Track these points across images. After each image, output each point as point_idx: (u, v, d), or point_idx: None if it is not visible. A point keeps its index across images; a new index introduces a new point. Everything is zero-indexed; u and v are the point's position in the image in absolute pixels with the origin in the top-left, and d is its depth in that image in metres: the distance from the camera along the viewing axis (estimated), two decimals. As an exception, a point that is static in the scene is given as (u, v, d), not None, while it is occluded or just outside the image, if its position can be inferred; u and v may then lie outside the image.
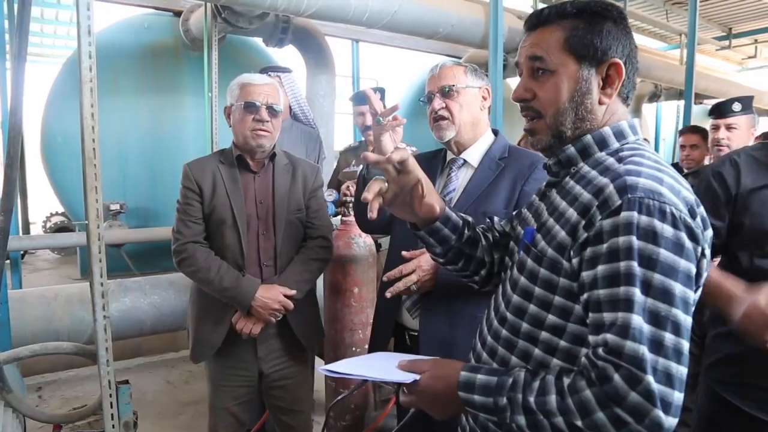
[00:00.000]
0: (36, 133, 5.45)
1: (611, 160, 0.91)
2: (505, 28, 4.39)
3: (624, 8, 6.90)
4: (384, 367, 1.04)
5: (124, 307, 3.28)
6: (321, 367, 1.01)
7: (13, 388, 1.98)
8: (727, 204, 1.60)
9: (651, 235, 0.79)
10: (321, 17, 3.92)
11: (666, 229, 0.79)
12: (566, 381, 0.82)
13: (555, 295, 0.91)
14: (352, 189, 2.67)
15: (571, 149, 0.97)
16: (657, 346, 0.76)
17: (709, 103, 9.07)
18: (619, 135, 0.95)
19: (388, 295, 1.56)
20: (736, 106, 2.73)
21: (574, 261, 0.87)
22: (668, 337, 0.77)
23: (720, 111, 2.79)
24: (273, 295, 1.84)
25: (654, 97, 9.55)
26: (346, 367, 1.01)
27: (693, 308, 0.82)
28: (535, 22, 0.98)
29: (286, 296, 1.86)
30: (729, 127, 2.75)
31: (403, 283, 1.53)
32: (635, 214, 0.80)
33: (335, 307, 2.51)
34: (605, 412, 0.77)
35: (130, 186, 5.15)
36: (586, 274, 0.84)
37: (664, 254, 0.79)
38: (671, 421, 0.75)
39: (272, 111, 1.86)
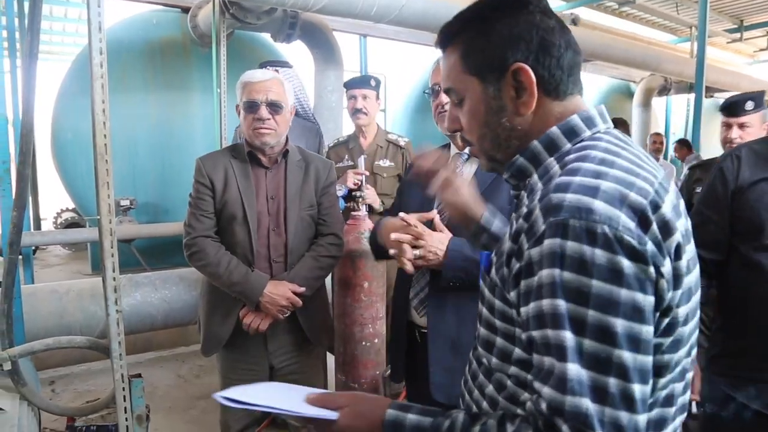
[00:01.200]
0: (46, 129, 5.50)
1: (556, 168, 0.78)
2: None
3: (634, 1, 6.88)
4: (291, 398, 0.91)
5: (134, 302, 3.31)
6: (216, 394, 0.86)
7: (27, 381, 2.01)
8: (725, 200, 1.63)
9: (579, 265, 0.66)
10: (329, 12, 3.92)
11: (597, 255, 0.65)
12: (510, 428, 0.72)
13: (515, 327, 0.79)
14: (352, 180, 2.68)
15: (520, 160, 0.84)
16: (600, 395, 0.65)
17: (720, 97, 9.02)
18: (570, 133, 0.81)
19: (393, 236, 1.45)
20: (749, 105, 2.70)
21: (512, 294, 0.76)
22: (612, 383, 0.65)
23: (733, 110, 2.76)
24: (281, 292, 1.84)
25: (664, 90, 9.48)
26: (247, 395, 0.87)
27: (650, 343, 0.68)
28: (439, 44, 0.90)
29: (294, 293, 1.87)
30: (742, 126, 2.73)
31: (402, 252, 1.43)
32: (558, 240, 0.67)
33: (345, 301, 2.51)
34: None
35: (139, 182, 5.19)
36: (522, 310, 0.73)
37: (597, 286, 0.65)
38: None
39: (273, 107, 1.83)
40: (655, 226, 0.69)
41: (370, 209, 2.72)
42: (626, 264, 0.66)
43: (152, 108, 5.11)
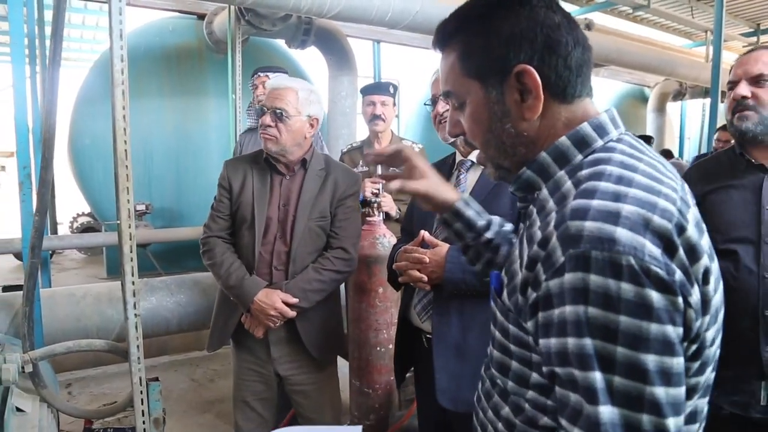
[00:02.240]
0: (63, 134, 5.57)
1: (569, 185, 0.72)
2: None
3: (648, 5, 6.84)
4: None
5: (150, 306, 3.34)
6: None
7: (47, 383, 2.04)
8: None
9: (604, 300, 0.62)
10: (344, 18, 3.95)
11: (624, 290, 0.61)
12: None
13: (532, 353, 0.75)
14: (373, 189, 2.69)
15: (527, 173, 0.79)
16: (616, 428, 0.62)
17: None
18: (581, 143, 0.75)
19: (395, 266, 1.59)
20: None
21: (529, 324, 0.72)
22: (646, 420, 0.62)
23: None
24: (271, 301, 1.83)
25: (679, 95, 9.41)
26: None
27: (682, 375, 0.64)
28: (436, 44, 0.85)
29: (288, 304, 1.84)
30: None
31: (408, 276, 1.55)
32: (581, 275, 0.63)
33: (360, 307, 2.52)
34: None
35: (155, 187, 5.24)
36: (542, 342, 0.69)
37: (626, 322, 0.61)
38: None
39: (276, 115, 1.84)
40: (681, 252, 0.64)
41: (387, 216, 2.73)
42: (655, 297, 0.61)
43: (168, 114, 5.17)
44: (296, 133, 1.88)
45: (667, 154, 6.95)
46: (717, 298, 0.72)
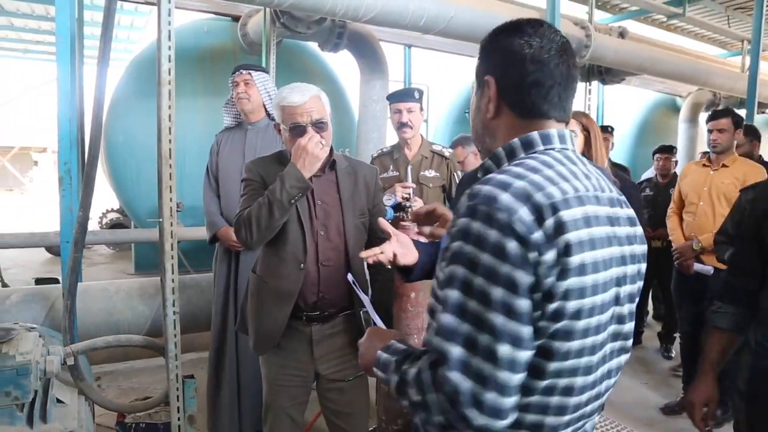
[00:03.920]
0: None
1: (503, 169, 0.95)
2: (562, 34, 4.32)
3: (683, 14, 6.72)
4: None
5: (180, 303, 3.38)
6: None
7: (85, 377, 2.07)
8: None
9: (476, 241, 0.83)
10: (379, 23, 3.95)
11: (491, 235, 0.82)
12: (407, 364, 0.94)
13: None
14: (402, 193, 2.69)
15: (488, 162, 1.02)
16: (471, 345, 0.82)
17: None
18: (527, 145, 0.96)
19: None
20: None
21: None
22: (483, 339, 0.81)
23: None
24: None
25: (712, 105, 9.19)
26: None
27: (524, 315, 0.82)
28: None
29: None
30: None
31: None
32: (468, 221, 0.85)
33: (392, 311, 2.52)
34: (436, 396, 0.85)
35: (186, 185, 5.29)
36: (437, 270, 0.93)
37: (486, 259, 0.82)
38: (487, 420, 0.82)
39: (319, 126, 1.84)
40: (549, 223, 0.83)
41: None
42: (512, 245, 0.81)
43: (201, 113, 5.23)
44: (331, 135, 1.91)
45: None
46: (597, 293, 0.88)
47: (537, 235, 0.82)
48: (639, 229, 1.02)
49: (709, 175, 3.41)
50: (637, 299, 1.02)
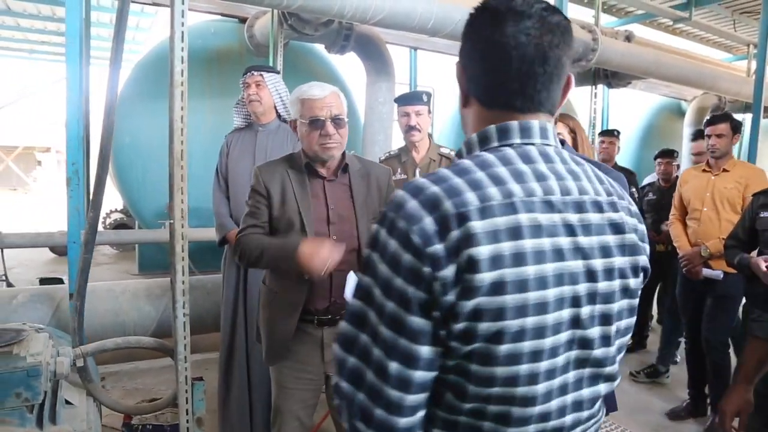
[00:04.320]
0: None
1: None
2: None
3: (689, 18, 6.72)
4: None
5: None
6: None
7: (93, 378, 2.07)
8: None
9: (380, 250, 0.79)
10: (386, 25, 3.94)
11: (390, 245, 0.77)
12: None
13: None
14: None
15: (456, 160, 0.96)
16: (365, 356, 0.78)
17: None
18: (483, 140, 0.87)
19: None
20: None
21: None
22: (376, 353, 0.77)
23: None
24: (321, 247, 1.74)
25: (717, 110, 9.18)
26: None
27: (418, 334, 0.75)
28: None
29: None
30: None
31: None
32: (377, 227, 0.81)
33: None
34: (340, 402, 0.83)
35: (191, 186, 5.27)
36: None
37: (383, 270, 0.77)
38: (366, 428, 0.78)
39: (337, 122, 1.85)
40: (453, 235, 0.74)
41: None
42: (406, 258, 0.75)
43: (207, 114, 5.23)
44: (347, 134, 1.92)
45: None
46: (518, 316, 0.76)
47: (435, 249, 0.73)
48: (630, 237, 0.86)
49: (711, 180, 3.40)
50: (628, 319, 0.88)
